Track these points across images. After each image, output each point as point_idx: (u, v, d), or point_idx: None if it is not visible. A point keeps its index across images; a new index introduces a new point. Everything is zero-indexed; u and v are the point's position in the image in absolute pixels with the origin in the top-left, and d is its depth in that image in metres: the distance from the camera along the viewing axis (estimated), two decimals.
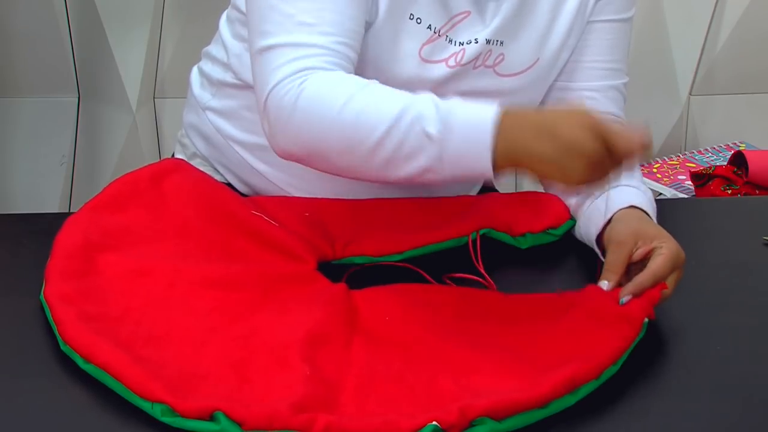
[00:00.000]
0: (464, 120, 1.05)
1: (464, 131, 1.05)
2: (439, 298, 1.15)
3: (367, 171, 1.11)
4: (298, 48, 1.14)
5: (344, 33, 1.16)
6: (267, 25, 1.16)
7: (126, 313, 1.07)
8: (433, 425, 0.91)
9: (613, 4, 1.34)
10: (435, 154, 1.06)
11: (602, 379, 1.01)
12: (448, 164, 1.06)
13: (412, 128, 1.06)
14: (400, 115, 1.07)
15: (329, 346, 1.03)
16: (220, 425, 0.91)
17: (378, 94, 1.10)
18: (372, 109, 1.08)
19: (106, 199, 1.24)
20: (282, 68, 1.12)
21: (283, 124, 1.12)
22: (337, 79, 1.12)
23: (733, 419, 0.99)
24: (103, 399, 0.96)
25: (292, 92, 1.10)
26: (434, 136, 1.05)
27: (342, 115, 1.08)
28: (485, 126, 1.04)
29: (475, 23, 1.27)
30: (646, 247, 1.14)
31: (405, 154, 1.07)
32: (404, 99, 1.08)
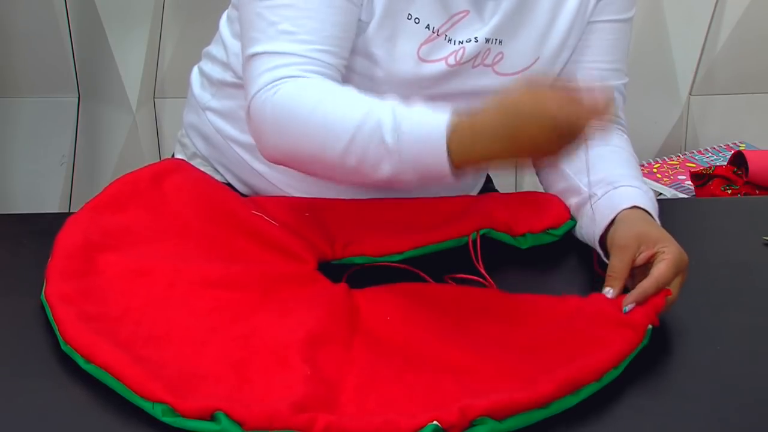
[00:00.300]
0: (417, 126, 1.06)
1: (417, 138, 1.06)
2: (440, 297, 1.15)
3: (343, 176, 1.14)
4: (276, 56, 1.16)
5: (325, 40, 1.17)
6: (253, 32, 1.18)
7: (126, 313, 1.07)
8: (433, 425, 0.91)
9: (614, 4, 1.34)
10: (395, 161, 1.08)
11: (604, 381, 1.01)
12: (410, 170, 1.08)
13: (372, 138, 1.08)
14: (360, 124, 1.08)
15: (330, 346, 1.03)
16: (221, 425, 0.91)
17: (342, 101, 1.12)
18: (337, 116, 1.10)
19: (107, 199, 1.24)
20: (262, 76, 1.15)
21: (261, 131, 1.15)
22: (306, 85, 1.14)
23: (734, 419, 0.99)
24: (103, 399, 0.96)
25: (267, 101, 1.13)
26: (390, 144, 1.07)
27: (309, 122, 1.11)
28: (437, 132, 1.05)
29: (474, 22, 1.27)
30: (649, 252, 1.14)
31: (369, 163, 1.09)
32: (366, 106, 1.10)
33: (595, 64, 1.36)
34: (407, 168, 1.08)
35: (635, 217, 1.21)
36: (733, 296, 1.20)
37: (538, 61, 1.31)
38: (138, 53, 2.39)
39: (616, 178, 1.27)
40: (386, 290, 1.15)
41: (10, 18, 2.35)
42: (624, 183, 1.25)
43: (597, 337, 1.07)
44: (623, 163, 1.31)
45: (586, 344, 1.05)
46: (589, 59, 1.36)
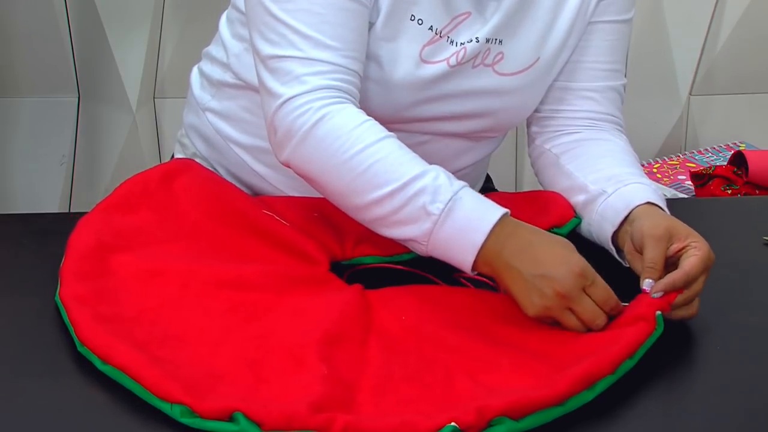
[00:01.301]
0: (467, 213, 1.10)
1: (462, 223, 1.10)
2: (454, 298, 1.15)
3: (357, 216, 1.16)
4: (306, 63, 1.16)
5: (347, 45, 1.18)
6: (270, 32, 1.17)
7: (141, 314, 1.07)
8: (451, 426, 0.91)
9: (615, 5, 1.34)
10: (426, 230, 1.10)
11: (619, 373, 1.02)
12: (433, 245, 1.11)
13: (415, 199, 1.10)
14: (409, 182, 1.11)
15: (345, 346, 1.03)
16: (240, 426, 0.91)
17: (392, 154, 1.13)
18: (382, 167, 1.12)
19: (118, 199, 1.24)
20: (294, 84, 1.15)
21: (293, 143, 1.15)
22: (358, 120, 1.14)
23: (734, 419, 0.99)
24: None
25: (309, 116, 1.14)
26: (433, 215, 1.10)
27: (352, 162, 1.12)
28: (484, 227, 1.09)
29: (476, 23, 1.27)
30: (680, 244, 1.14)
31: (398, 219, 1.11)
32: (416, 167, 1.12)
33: (595, 64, 1.36)
34: (432, 240, 1.11)
35: (656, 213, 1.20)
36: (733, 296, 1.20)
37: (539, 62, 1.31)
38: (138, 53, 2.39)
39: (624, 176, 1.27)
40: (400, 291, 1.16)
41: (10, 18, 2.35)
42: (632, 180, 1.25)
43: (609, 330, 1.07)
44: (628, 162, 1.31)
45: (598, 341, 1.06)
46: (589, 59, 1.36)
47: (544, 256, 1.08)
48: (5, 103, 2.43)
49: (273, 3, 1.18)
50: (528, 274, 1.07)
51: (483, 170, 1.50)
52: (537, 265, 1.07)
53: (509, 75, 1.30)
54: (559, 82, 1.36)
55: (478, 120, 1.32)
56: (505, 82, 1.30)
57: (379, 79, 1.24)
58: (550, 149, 1.37)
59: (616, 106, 1.38)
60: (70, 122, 2.46)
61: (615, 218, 1.23)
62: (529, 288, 1.07)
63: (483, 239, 1.09)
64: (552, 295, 1.06)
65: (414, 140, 1.30)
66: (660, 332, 1.07)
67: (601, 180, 1.28)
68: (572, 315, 1.07)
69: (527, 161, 1.46)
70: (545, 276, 1.06)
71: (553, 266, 1.07)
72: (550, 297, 1.06)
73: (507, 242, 1.09)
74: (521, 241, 1.09)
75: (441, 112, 1.29)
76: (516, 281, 1.08)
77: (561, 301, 1.06)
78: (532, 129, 1.41)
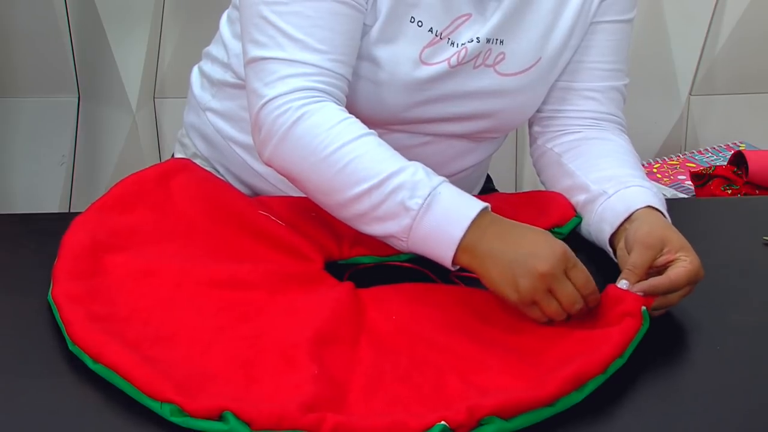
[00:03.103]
0: (446, 207, 1.10)
1: (441, 218, 1.10)
2: (446, 297, 1.15)
3: (337, 215, 1.16)
4: (291, 65, 1.16)
5: (336, 49, 1.18)
6: (259, 34, 1.18)
7: (134, 314, 1.07)
8: (441, 425, 0.91)
9: (617, 4, 1.34)
10: (405, 225, 1.10)
11: (608, 372, 1.02)
12: (413, 240, 1.11)
13: (394, 195, 1.10)
14: (387, 178, 1.11)
15: (337, 346, 1.03)
16: (229, 425, 0.91)
17: (371, 151, 1.13)
18: (361, 163, 1.12)
19: (113, 199, 1.24)
20: (275, 85, 1.16)
21: (273, 142, 1.16)
22: (336, 118, 1.14)
23: (734, 419, 0.99)
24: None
25: (288, 115, 1.14)
26: (412, 210, 1.10)
27: (330, 159, 1.12)
28: (463, 221, 1.09)
29: (476, 24, 1.27)
30: (670, 256, 1.13)
31: (377, 216, 1.12)
32: (395, 164, 1.12)
33: (597, 64, 1.36)
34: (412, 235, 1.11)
35: (655, 219, 1.20)
36: (733, 296, 1.20)
37: (540, 61, 1.31)
38: (138, 53, 2.39)
39: (625, 178, 1.27)
40: (391, 290, 1.16)
41: (10, 18, 2.35)
42: (634, 183, 1.25)
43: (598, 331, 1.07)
44: (629, 163, 1.31)
45: (588, 340, 1.06)
46: (591, 59, 1.36)
47: (526, 239, 1.08)
48: (5, 103, 2.43)
49: (265, 5, 1.18)
50: (511, 255, 1.07)
51: (484, 171, 1.50)
52: (520, 246, 1.07)
53: (511, 75, 1.30)
54: (562, 82, 1.36)
55: (479, 121, 1.32)
56: (507, 83, 1.30)
57: (379, 81, 1.24)
58: (552, 148, 1.37)
59: (618, 106, 1.38)
60: (70, 122, 2.46)
61: (614, 220, 1.23)
62: (511, 271, 1.07)
63: (462, 233, 1.09)
64: (536, 275, 1.06)
65: (415, 141, 1.30)
66: (647, 327, 1.08)
67: (603, 180, 1.28)
68: (552, 299, 1.07)
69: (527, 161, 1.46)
70: (529, 255, 1.06)
71: (536, 247, 1.07)
72: (534, 277, 1.06)
73: (487, 231, 1.09)
74: (502, 228, 1.10)
75: (442, 113, 1.29)
76: (497, 265, 1.08)
77: (544, 282, 1.06)
78: (534, 129, 1.41)
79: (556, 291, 1.07)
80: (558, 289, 1.07)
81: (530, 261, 1.06)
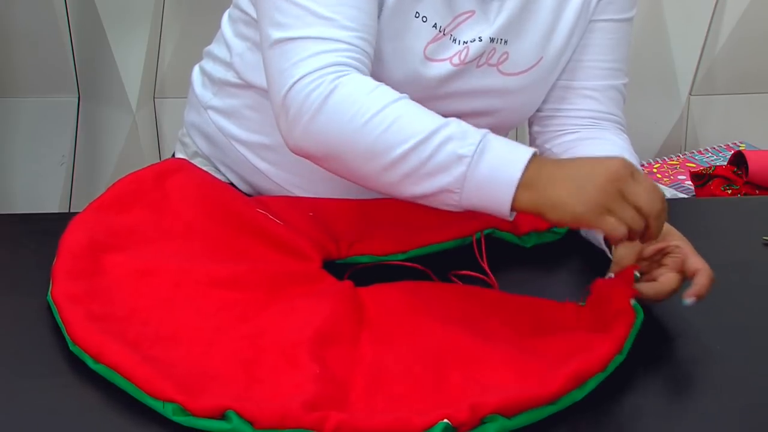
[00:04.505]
0: (499, 151, 1.06)
1: (496, 161, 1.05)
2: (446, 295, 1.15)
3: (381, 181, 1.11)
4: (321, 42, 1.13)
5: (362, 28, 1.16)
6: (283, 17, 1.15)
7: (133, 313, 1.07)
8: (444, 423, 0.91)
9: (616, 3, 1.34)
10: (460, 175, 1.06)
11: (609, 370, 1.02)
12: (468, 189, 1.06)
13: (444, 146, 1.07)
14: (434, 131, 1.07)
15: (338, 344, 1.03)
16: (232, 424, 0.91)
17: (413, 109, 1.11)
18: (405, 121, 1.09)
19: (111, 199, 1.23)
20: (306, 62, 1.12)
21: (305, 120, 1.11)
22: (371, 85, 1.12)
23: (733, 419, 0.99)
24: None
25: (322, 88, 1.10)
26: (466, 157, 1.06)
27: (372, 122, 1.09)
28: (519, 161, 1.04)
29: (480, 22, 1.27)
30: (659, 245, 1.14)
31: (429, 170, 1.07)
32: (438, 118, 1.09)
33: (596, 63, 1.36)
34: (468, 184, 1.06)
35: None
36: (733, 296, 1.20)
37: (542, 61, 1.31)
38: (138, 53, 2.39)
39: None
40: (391, 288, 1.16)
41: (10, 18, 2.35)
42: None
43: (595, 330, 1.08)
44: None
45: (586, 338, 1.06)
46: (590, 58, 1.36)
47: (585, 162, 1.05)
48: (5, 103, 2.43)
49: None
50: (573, 173, 1.03)
51: None
52: (580, 167, 1.04)
53: (513, 75, 1.30)
54: (561, 81, 1.36)
55: (480, 119, 1.32)
56: (510, 82, 1.30)
57: (383, 76, 1.24)
58: (551, 149, 1.37)
59: (617, 105, 1.38)
60: (70, 122, 2.46)
61: None
62: (579, 185, 1.02)
63: (521, 172, 1.04)
64: (605, 182, 1.02)
65: None
66: (641, 318, 1.08)
67: None
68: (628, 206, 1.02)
69: None
70: (592, 167, 1.03)
71: (596, 162, 1.04)
72: (603, 184, 1.01)
73: (543, 167, 1.05)
74: (557, 161, 1.07)
75: (444, 111, 1.28)
76: (562, 186, 1.03)
77: (614, 186, 1.02)
78: (534, 129, 1.41)
79: (629, 193, 1.02)
80: (630, 191, 1.02)
81: (595, 170, 1.02)
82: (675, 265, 1.13)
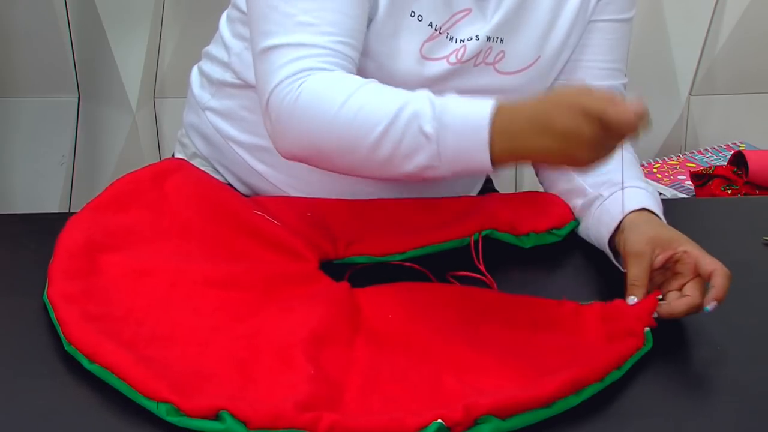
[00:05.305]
0: (460, 117, 1.06)
1: (460, 129, 1.05)
2: (443, 296, 1.15)
3: (369, 170, 1.12)
4: (299, 48, 1.14)
5: (344, 32, 1.16)
6: (268, 25, 1.16)
7: (129, 313, 1.07)
8: (438, 423, 0.91)
9: (615, 3, 1.34)
10: (433, 152, 1.06)
11: (606, 382, 1.02)
12: (447, 161, 1.07)
13: (409, 127, 1.07)
14: (397, 113, 1.07)
15: (333, 345, 1.03)
16: (226, 424, 0.91)
17: (375, 93, 1.10)
18: (369, 108, 1.09)
19: (108, 198, 1.24)
20: (283, 68, 1.13)
21: (284, 124, 1.13)
22: (335, 78, 1.12)
23: (733, 419, 0.99)
24: (107, 399, 0.96)
25: (292, 93, 1.11)
26: (431, 134, 1.06)
27: (340, 115, 1.09)
28: (481, 123, 1.04)
29: (476, 20, 1.27)
30: (665, 254, 1.14)
31: (403, 153, 1.08)
32: (401, 97, 1.09)
33: (595, 63, 1.36)
34: (445, 158, 1.06)
35: (642, 221, 1.21)
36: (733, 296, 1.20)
37: (540, 60, 1.31)
38: (138, 53, 2.39)
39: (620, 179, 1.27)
40: (387, 289, 1.15)
41: (10, 18, 2.35)
42: (629, 184, 1.25)
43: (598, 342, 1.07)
44: (626, 162, 1.31)
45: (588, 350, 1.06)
46: (589, 58, 1.36)
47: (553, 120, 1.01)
48: (5, 103, 2.43)
49: None
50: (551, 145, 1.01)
51: None
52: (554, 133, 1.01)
53: (510, 74, 1.30)
54: (560, 80, 1.36)
55: None
56: (506, 81, 1.30)
57: (379, 76, 1.24)
58: None
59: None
60: (70, 122, 2.46)
61: (611, 222, 1.23)
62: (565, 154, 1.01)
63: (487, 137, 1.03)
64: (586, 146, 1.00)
65: None
66: (648, 348, 1.08)
67: (599, 183, 1.28)
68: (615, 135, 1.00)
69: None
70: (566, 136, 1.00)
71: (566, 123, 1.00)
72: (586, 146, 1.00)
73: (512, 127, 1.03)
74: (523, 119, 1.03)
75: None
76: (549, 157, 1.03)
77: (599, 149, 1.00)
78: None
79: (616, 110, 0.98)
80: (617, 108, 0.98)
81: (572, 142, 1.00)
82: (689, 270, 1.13)
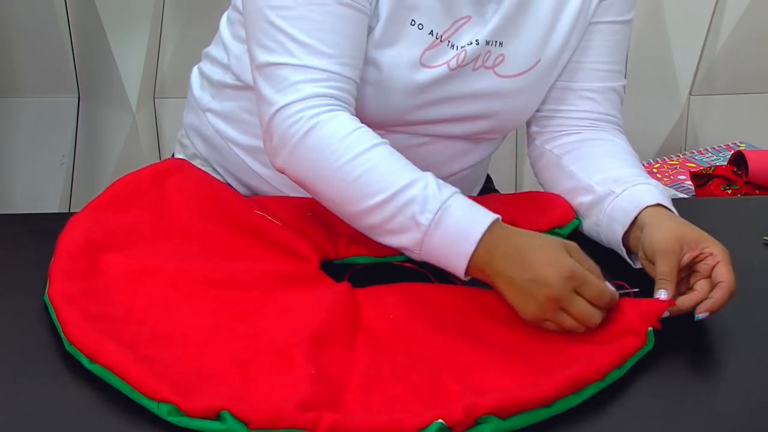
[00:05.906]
0: (456, 222, 1.10)
1: (452, 231, 1.10)
2: (443, 296, 1.15)
3: (350, 222, 1.17)
4: (301, 70, 1.16)
5: (343, 52, 1.18)
6: (267, 39, 1.18)
7: (130, 313, 1.07)
8: (438, 423, 0.91)
9: (616, 5, 1.34)
10: (417, 240, 1.11)
11: (607, 381, 1.02)
12: (425, 253, 1.12)
13: (405, 209, 1.11)
14: (398, 191, 1.11)
15: (333, 346, 1.03)
16: (226, 424, 0.91)
17: (383, 160, 1.14)
18: (373, 175, 1.12)
19: (109, 199, 1.24)
20: (287, 91, 1.16)
21: (287, 150, 1.16)
22: (350, 128, 1.15)
23: (733, 419, 0.99)
24: (108, 399, 0.96)
25: (300, 124, 1.14)
26: (422, 225, 1.10)
27: (343, 171, 1.13)
28: (473, 236, 1.09)
29: (476, 25, 1.27)
30: (693, 253, 1.14)
31: (389, 228, 1.12)
32: (406, 176, 1.13)
33: (595, 65, 1.36)
34: (426, 249, 1.12)
35: (663, 217, 1.20)
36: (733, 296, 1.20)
37: (540, 63, 1.31)
38: (138, 53, 2.39)
39: (631, 177, 1.27)
40: (388, 289, 1.15)
41: (10, 18, 2.35)
42: (640, 181, 1.26)
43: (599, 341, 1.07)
44: (631, 163, 1.31)
45: (588, 349, 1.05)
46: (590, 60, 1.35)
47: (533, 260, 1.07)
48: (5, 103, 2.43)
49: (271, 10, 1.18)
50: (519, 279, 1.07)
51: (483, 171, 1.50)
52: (526, 270, 1.07)
53: (510, 77, 1.30)
54: (560, 82, 1.36)
55: (478, 122, 1.32)
56: (506, 84, 1.30)
57: (379, 84, 1.24)
58: (551, 150, 1.37)
59: (615, 107, 1.38)
60: (70, 122, 2.46)
61: (624, 219, 1.23)
62: (522, 293, 1.07)
63: (473, 248, 1.09)
64: (544, 300, 1.06)
65: (414, 142, 1.30)
66: (650, 347, 1.08)
67: (608, 181, 1.28)
68: (567, 316, 1.07)
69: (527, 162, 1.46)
70: (535, 281, 1.06)
71: (542, 270, 1.06)
72: (543, 301, 1.06)
73: (497, 249, 1.09)
74: (510, 246, 1.09)
75: (442, 114, 1.29)
76: (510, 287, 1.08)
77: (553, 305, 1.06)
78: (532, 128, 1.41)
79: (570, 311, 1.07)
80: (570, 308, 1.06)
81: (535, 287, 1.06)
82: (706, 270, 1.14)
